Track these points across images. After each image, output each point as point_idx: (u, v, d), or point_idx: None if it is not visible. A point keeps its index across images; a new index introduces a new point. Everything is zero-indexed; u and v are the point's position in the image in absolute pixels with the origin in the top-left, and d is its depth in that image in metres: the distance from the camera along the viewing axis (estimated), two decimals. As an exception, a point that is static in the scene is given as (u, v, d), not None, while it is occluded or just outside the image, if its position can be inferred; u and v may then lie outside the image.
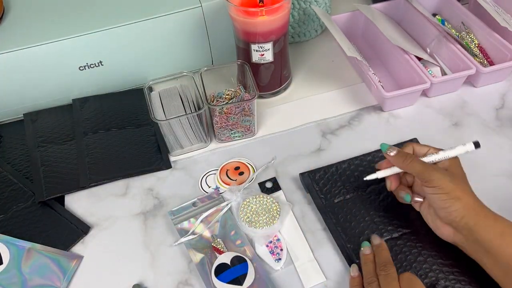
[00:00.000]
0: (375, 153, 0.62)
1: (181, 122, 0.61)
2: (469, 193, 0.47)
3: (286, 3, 0.61)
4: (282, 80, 0.71)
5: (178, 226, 0.57)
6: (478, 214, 0.46)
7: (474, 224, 0.45)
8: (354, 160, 0.61)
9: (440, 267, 0.50)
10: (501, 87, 0.71)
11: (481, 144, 0.55)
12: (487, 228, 0.45)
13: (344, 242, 0.53)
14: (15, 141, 0.69)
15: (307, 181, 0.59)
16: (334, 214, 0.56)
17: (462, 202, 0.46)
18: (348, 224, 0.55)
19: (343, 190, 0.58)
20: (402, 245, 0.53)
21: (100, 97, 0.72)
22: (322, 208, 0.57)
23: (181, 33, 0.70)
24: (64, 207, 0.61)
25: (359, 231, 0.54)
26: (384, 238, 0.53)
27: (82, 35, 0.66)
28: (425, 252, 0.52)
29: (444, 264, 0.51)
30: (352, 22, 0.79)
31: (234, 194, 0.58)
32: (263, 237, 0.55)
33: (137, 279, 0.53)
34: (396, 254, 0.52)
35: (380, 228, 0.54)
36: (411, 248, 0.52)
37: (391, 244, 0.53)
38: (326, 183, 0.59)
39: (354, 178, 0.59)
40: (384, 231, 0.54)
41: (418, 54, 0.70)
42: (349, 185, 0.59)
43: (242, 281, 0.51)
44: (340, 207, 0.57)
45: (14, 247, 0.54)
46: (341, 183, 0.59)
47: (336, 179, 0.59)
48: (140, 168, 0.63)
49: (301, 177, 0.60)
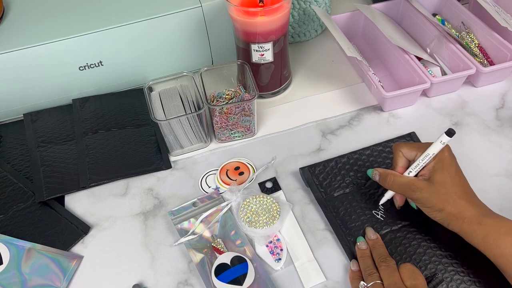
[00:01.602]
0: (374, 147, 0.63)
1: (181, 122, 0.61)
2: (451, 201, 0.48)
3: (286, 3, 0.61)
4: (282, 80, 0.71)
5: (178, 226, 0.57)
6: (462, 222, 0.47)
7: (459, 231, 0.48)
8: (353, 154, 0.62)
9: (439, 259, 0.52)
10: (501, 87, 0.71)
11: (481, 144, 0.55)
12: (471, 233, 0.47)
13: (345, 236, 0.54)
14: (15, 141, 0.69)
15: (307, 175, 0.60)
16: (334, 207, 0.57)
17: (444, 213, 0.48)
18: (348, 218, 0.55)
19: (343, 184, 0.59)
20: (401, 237, 0.53)
21: (100, 97, 0.72)
22: (322, 201, 0.57)
23: (181, 33, 0.70)
24: (64, 207, 0.61)
25: (360, 224, 0.55)
26: (384, 230, 0.54)
27: (82, 35, 0.66)
28: (425, 244, 0.53)
29: (443, 255, 0.52)
30: (352, 22, 0.79)
31: (234, 194, 0.58)
32: (263, 237, 0.55)
33: (137, 279, 0.53)
34: (396, 247, 0.53)
35: (380, 221, 0.55)
36: (411, 240, 0.53)
37: (390, 237, 0.54)
38: (326, 177, 0.60)
39: (353, 172, 0.60)
40: (383, 224, 0.55)
41: (418, 54, 0.70)
42: (349, 179, 0.59)
43: (242, 281, 0.51)
44: (340, 200, 0.57)
45: (14, 247, 0.54)
46: (340, 177, 0.59)
47: (336, 173, 0.60)
48: (140, 168, 0.63)
49: (301, 171, 0.60)
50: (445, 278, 0.50)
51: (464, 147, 0.63)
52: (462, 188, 0.49)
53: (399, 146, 0.53)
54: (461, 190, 0.49)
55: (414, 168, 0.51)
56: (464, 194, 0.49)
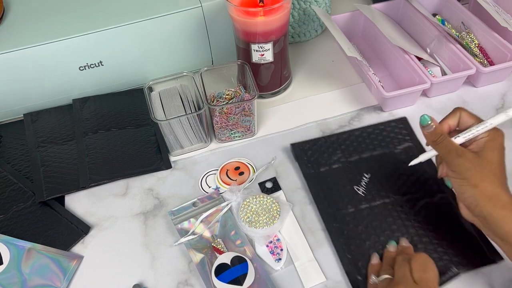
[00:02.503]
0: (364, 129, 0.65)
1: (181, 122, 0.61)
2: (491, 180, 0.45)
3: (286, 3, 0.61)
4: (282, 80, 0.71)
5: (178, 226, 0.57)
6: (494, 205, 0.45)
7: (488, 214, 0.45)
8: (342, 135, 0.64)
9: (416, 230, 0.54)
10: (501, 87, 0.71)
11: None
12: (503, 219, 0.44)
13: (325, 207, 0.57)
14: (15, 141, 0.69)
15: (296, 151, 0.63)
16: (319, 181, 0.59)
17: (478, 190, 0.45)
18: (329, 191, 0.58)
19: (330, 161, 0.62)
20: (378, 214, 0.56)
21: (100, 97, 0.72)
22: (308, 175, 0.60)
23: (181, 33, 0.70)
24: (64, 207, 0.61)
25: (340, 197, 0.58)
26: (363, 205, 0.57)
27: (82, 35, 0.66)
28: (400, 221, 0.55)
29: (421, 228, 0.54)
30: (352, 22, 0.79)
31: (234, 194, 0.58)
32: (263, 237, 0.55)
33: (137, 279, 0.53)
34: (371, 221, 0.55)
35: (360, 197, 0.57)
36: (386, 216, 0.55)
37: (368, 212, 0.56)
38: (314, 153, 0.62)
39: (341, 150, 0.62)
40: (363, 200, 0.57)
41: (418, 54, 0.70)
42: (335, 157, 0.62)
43: (242, 281, 0.51)
44: (324, 175, 0.60)
45: (14, 247, 0.54)
46: (327, 155, 0.62)
47: (323, 150, 0.63)
48: (140, 168, 0.63)
49: (292, 147, 0.63)
50: (425, 248, 0.52)
51: (464, 147, 0.63)
52: (504, 175, 0.46)
53: (461, 109, 0.50)
54: (503, 176, 0.46)
55: (466, 133, 0.48)
56: (504, 180, 0.46)
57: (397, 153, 0.61)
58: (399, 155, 0.61)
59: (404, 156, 0.61)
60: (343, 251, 0.53)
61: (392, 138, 0.63)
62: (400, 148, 0.62)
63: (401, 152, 0.62)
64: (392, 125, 0.65)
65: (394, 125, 0.65)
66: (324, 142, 0.63)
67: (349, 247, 0.53)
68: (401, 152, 0.62)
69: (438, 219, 0.55)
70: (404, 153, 0.61)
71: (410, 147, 0.62)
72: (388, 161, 0.61)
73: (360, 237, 0.54)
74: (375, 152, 0.62)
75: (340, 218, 0.55)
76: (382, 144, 0.63)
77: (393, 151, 0.62)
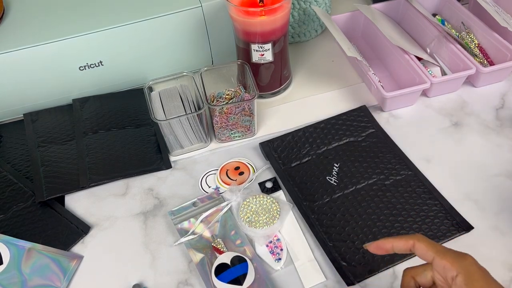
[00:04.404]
0: (328, 120, 0.67)
1: (181, 122, 0.61)
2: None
3: (286, 3, 0.61)
4: (282, 80, 0.71)
5: (178, 226, 0.57)
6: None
7: None
8: (308, 128, 0.66)
9: (390, 211, 0.56)
10: (501, 87, 0.71)
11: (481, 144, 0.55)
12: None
13: (301, 201, 0.58)
14: (15, 141, 0.69)
15: (266, 149, 0.64)
16: (291, 176, 0.61)
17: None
18: (303, 185, 0.60)
19: (299, 155, 0.63)
20: (353, 200, 0.58)
21: (100, 97, 0.72)
22: (280, 172, 0.61)
23: (181, 33, 0.70)
24: (64, 207, 0.61)
25: (314, 189, 0.59)
26: (337, 194, 0.58)
27: (82, 35, 0.66)
28: (377, 199, 0.57)
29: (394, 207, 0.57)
30: (352, 22, 0.79)
31: (234, 194, 0.58)
32: (263, 237, 0.55)
33: (137, 279, 0.53)
34: (347, 208, 0.57)
35: (333, 186, 0.59)
36: (361, 202, 0.57)
37: (342, 200, 0.58)
38: (284, 150, 0.64)
39: (309, 144, 0.64)
40: (336, 188, 0.59)
41: (418, 54, 0.70)
42: (304, 151, 0.63)
43: (242, 281, 0.51)
44: (296, 170, 0.61)
45: (14, 247, 0.54)
46: (297, 149, 0.64)
47: (293, 145, 0.64)
48: (140, 168, 0.63)
49: (261, 146, 0.64)
50: (392, 234, 0.54)
51: (464, 147, 0.63)
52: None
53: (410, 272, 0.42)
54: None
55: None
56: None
57: (361, 140, 0.64)
58: (363, 141, 0.64)
59: (368, 142, 0.64)
60: (324, 241, 0.54)
61: (355, 126, 0.66)
62: (363, 135, 0.65)
63: (365, 138, 0.64)
64: (354, 114, 0.68)
65: (355, 114, 0.68)
66: (292, 138, 0.65)
67: (330, 236, 0.54)
68: (365, 138, 0.64)
69: (407, 195, 0.58)
70: (368, 139, 0.64)
71: (372, 133, 0.65)
72: (355, 149, 0.63)
73: (339, 224, 0.55)
74: (341, 142, 0.64)
75: (318, 210, 0.57)
76: (347, 133, 0.65)
77: (358, 139, 0.64)
